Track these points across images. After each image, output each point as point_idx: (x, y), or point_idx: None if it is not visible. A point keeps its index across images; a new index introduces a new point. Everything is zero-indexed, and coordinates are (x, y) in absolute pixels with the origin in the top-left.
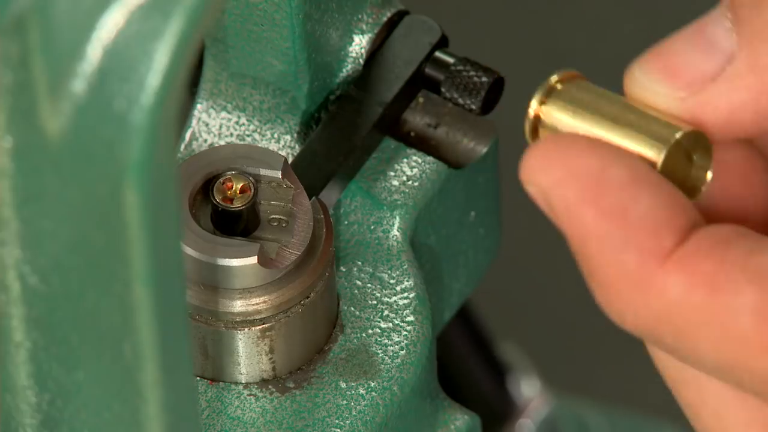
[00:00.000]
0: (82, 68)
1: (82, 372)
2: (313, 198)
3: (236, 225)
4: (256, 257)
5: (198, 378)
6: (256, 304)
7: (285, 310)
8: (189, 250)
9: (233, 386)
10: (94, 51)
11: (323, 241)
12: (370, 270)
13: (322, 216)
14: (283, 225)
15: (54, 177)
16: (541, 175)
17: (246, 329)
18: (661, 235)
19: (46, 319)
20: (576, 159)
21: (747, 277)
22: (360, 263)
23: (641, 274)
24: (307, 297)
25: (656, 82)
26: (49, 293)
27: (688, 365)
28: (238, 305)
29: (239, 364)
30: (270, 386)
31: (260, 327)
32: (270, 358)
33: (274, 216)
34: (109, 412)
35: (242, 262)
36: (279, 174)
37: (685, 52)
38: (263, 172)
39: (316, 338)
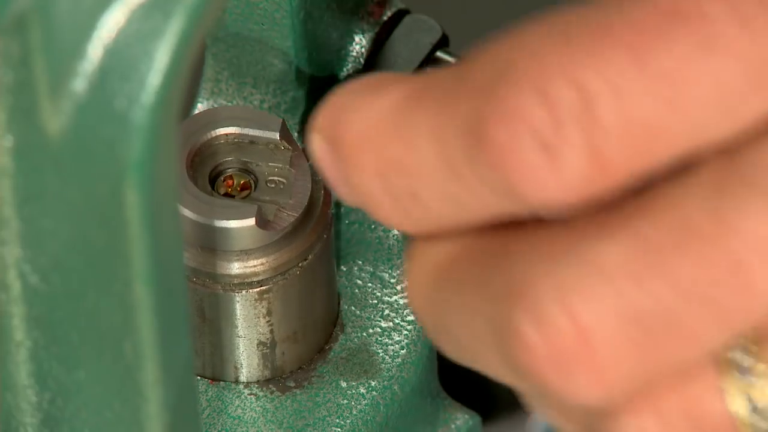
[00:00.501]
0: (82, 67)
1: (83, 371)
2: (311, 161)
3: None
4: (253, 219)
5: (198, 377)
6: (254, 266)
7: (283, 273)
8: (186, 212)
9: (233, 385)
10: (95, 50)
11: (321, 203)
12: (371, 269)
13: (320, 178)
14: (281, 187)
15: (54, 176)
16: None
17: (243, 291)
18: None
19: (46, 318)
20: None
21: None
22: (360, 262)
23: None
24: (305, 259)
25: None
26: (49, 292)
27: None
28: (236, 267)
29: (236, 327)
30: (271, 385)
31: (258, 289)
32: (268, 321)
33: (272, 177)
34: (110, 411)
35: (240, 224)
36: (277, 135)
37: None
38: (261, 133)
39: (314, 304)
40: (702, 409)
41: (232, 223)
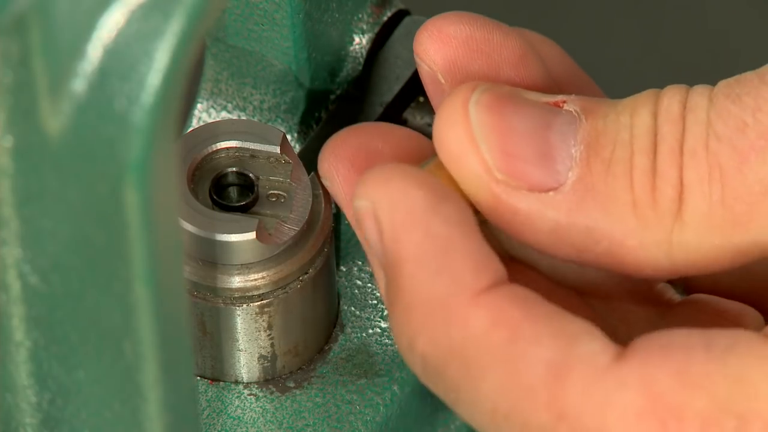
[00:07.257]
0: (82, 67)
1: (83, 371)
2: (312, 173)
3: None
4: (254, 233)
5: (198, 378)
6: (255, 279)
7: (283, 286)
8: (187, 226)
9: (233, 386)
10: (95, 50)
11: (322, 216)
12: (371, 270)
13: (320, 191)
14: (282, 200)
15: (54, 176)
16: (378, 192)
17: (244, 305)
18: (478, 273)
19: (46, 319)
20: (413, 186)
21: (550, 332)
22: (360, 263)
23: (450, 301)
24: (306, 273)
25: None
26: (49, 292)
27: (457, 409)
28: (237, 281)
29: (237, 341)
30: (270, 386)
31: (258, 303)
32: (268, 335)
33: (272, 191)
34: (110, 411)
35: (241, 238)
36: (278, 149)
37: (526, 149)
38: (262, 147)
39: (315, 317)
40: None
41: (233, 237)
